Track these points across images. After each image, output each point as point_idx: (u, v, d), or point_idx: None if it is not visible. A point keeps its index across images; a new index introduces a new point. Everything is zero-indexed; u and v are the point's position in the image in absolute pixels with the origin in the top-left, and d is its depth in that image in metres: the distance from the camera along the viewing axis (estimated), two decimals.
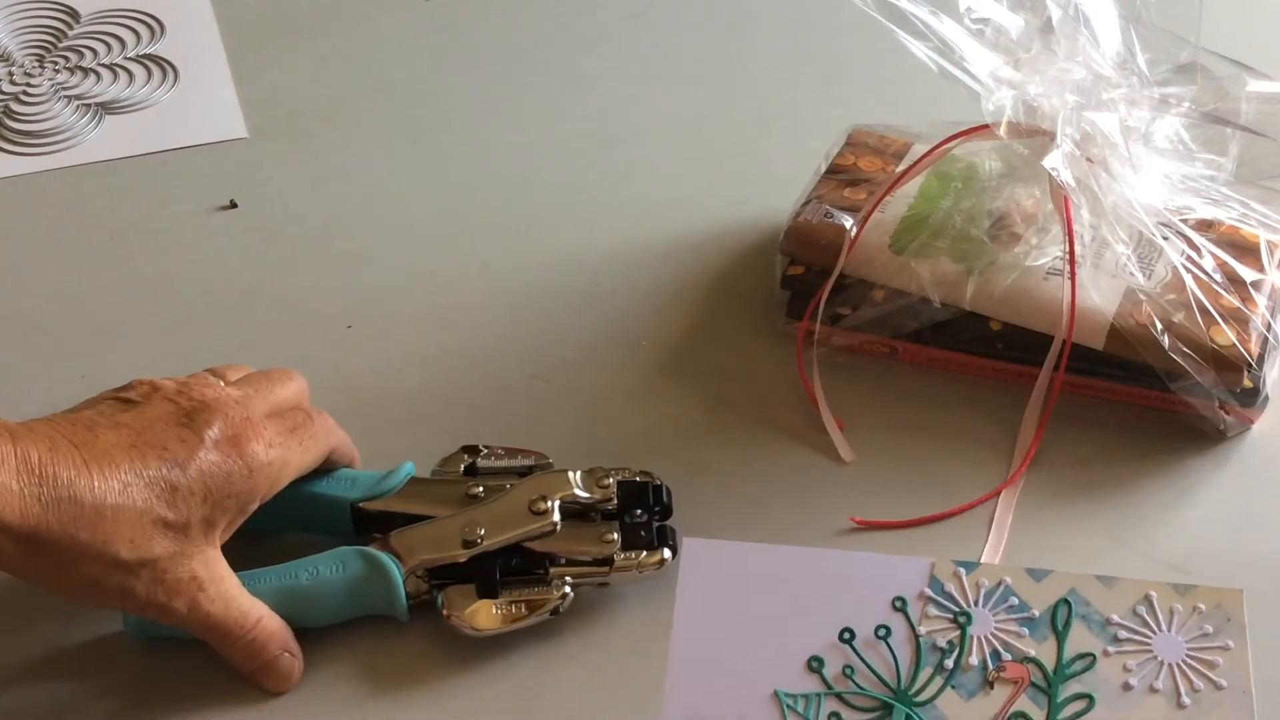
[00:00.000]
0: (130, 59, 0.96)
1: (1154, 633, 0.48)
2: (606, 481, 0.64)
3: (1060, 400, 0.69)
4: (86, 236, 0.83)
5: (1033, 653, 0.48)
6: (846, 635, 0.48)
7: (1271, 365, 0.69)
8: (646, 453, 0.70)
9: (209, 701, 0.61)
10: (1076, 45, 0.69)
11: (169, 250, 0.82)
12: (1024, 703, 0.47)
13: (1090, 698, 0.47)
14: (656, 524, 0.64)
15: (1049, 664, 0.48)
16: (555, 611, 0.61)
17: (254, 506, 0.60)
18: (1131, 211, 0.68)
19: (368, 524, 0.64)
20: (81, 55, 0.96)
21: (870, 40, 0.76)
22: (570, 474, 0.64)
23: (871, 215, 0.73)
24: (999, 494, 0.67)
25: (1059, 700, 0.47)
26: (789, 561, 0.50)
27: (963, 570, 0.49)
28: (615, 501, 0.64)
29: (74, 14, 1.00)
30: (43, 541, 0.53)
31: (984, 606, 0.49)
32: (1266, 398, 0.69)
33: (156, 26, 0.99)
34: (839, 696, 0.48)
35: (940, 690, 0.48)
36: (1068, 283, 0.68)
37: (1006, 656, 0.48)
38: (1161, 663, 0.48)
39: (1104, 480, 0.68)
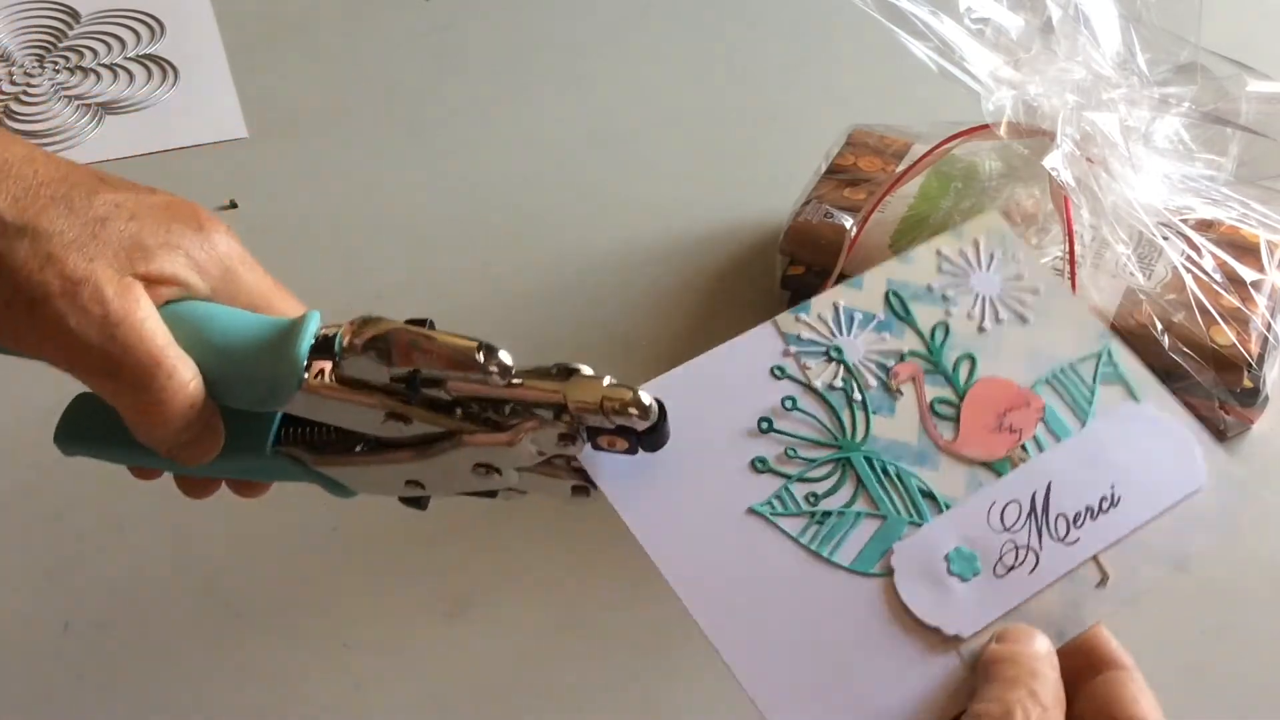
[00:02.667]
0: (130, 59, 0.96)
1: (967, 275, 0.52)
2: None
3: None
4: None
5: (904, 347, 0.51)
6: (764, 424, 0.49)
7: (1271, 365, 0.69)
8: None
9: (210, 702, 0.61)
10: (1076, 45, 0.69)
11: None
12: (930, 390, 0.50)
13: (971, 356, 0.50)
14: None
15: (922, 348, 0.51)
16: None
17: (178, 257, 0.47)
18: (1131, 211, 0.68)
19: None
20: (81, 55, 0.96)
21: (870, 40, 0.76)
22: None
23: (871, 215, 0.73)
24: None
25: (951, 372, 0.50)
26: (668, 390, 0.49)
27: (802, 313, 0.51)
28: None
29: (74, 14, 1.00)
30: None
31: (842, 334, 0.51)
32: (1266, 398, 0.69)
33: (156, 26, 0.99)
34: (800, 478, 0.48)
35: (868, 422, 0.49)
36: (1068, 283, 0.68)
37: (889, 362, 0.50)
38: (986, 296, 0.51)
39: None
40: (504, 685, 0.61)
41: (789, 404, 0.50)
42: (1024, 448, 0.49)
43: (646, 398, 0.46)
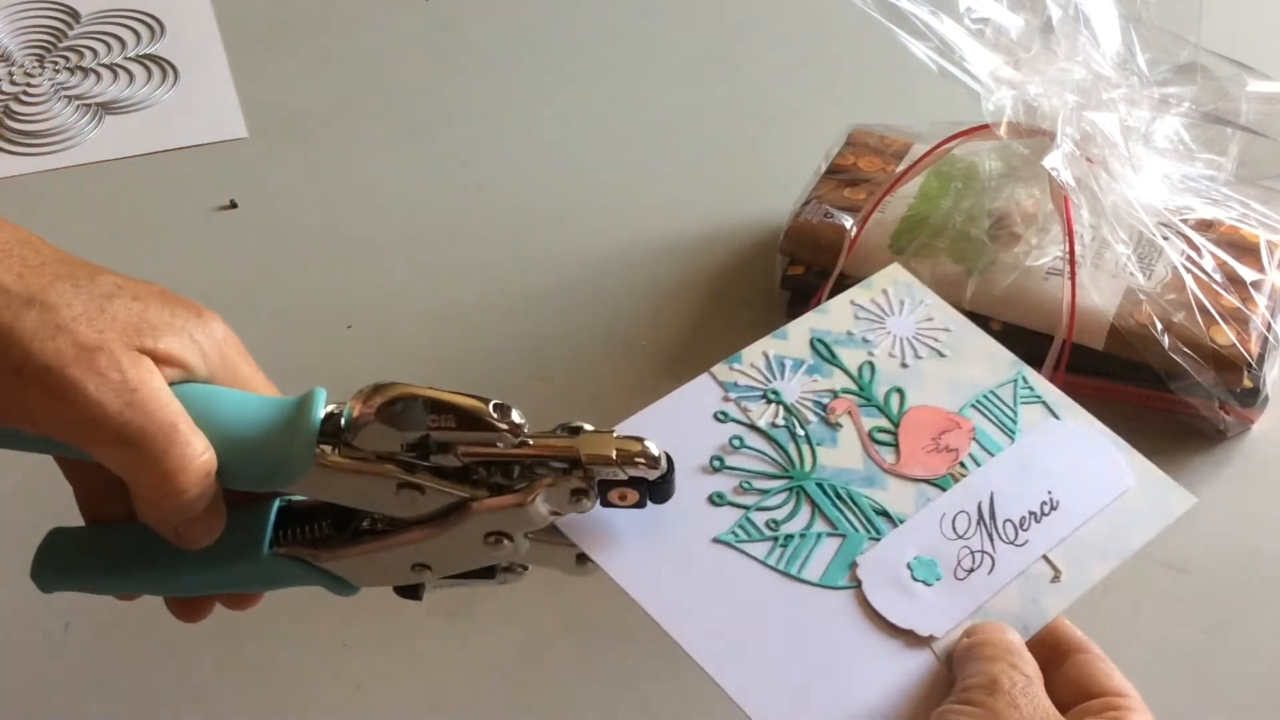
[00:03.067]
0: (130, 59, 0.96)
1: (882, 320, 0.56)
2: None
3: None
4: (86, 236, 0.83)
5: (837, 385, 0.54)
6: (716, 463, 0.52)
7: (1271, 365, 0.69)
8: None
9: (211, 702, 0.61)
10: (1076, 45, 0.69)
11: (169, 250, 0.82)
12: (867, 421, 0.53)
13: (899, 389, 0.54)
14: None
15: (853, 385, 0.54)
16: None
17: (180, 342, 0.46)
18: (1131, 211, 0.68)
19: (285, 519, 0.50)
20: (81, 55, 0.96)
21: (870, 40, 0.76)
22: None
23: (871, 215, 0.73)
24: None
25: (882, 404, 0.53)
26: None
27: (734, 364, 0.55)
28: None
29: (74, 14, 1.00)
30: None
31: (778, 378, 0.54)
32: (1266, 398, 0.69)
33: (156, 26, 0.99)
34: (759, 507, 0.51)
35: (814, 454, 0.52)
36: (1068, 283, 0.68)
37: (826, 399, 0.54)
38: (902, 337, 0.55)
39: None
40: (504, 685, 0.61)
41: (736, 443, 0.52)
42: (962, 465, 0.52)
43: (654, 448, 0.47)
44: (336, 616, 0.64)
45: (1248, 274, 0.69)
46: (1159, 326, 0.67)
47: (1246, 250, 0.70)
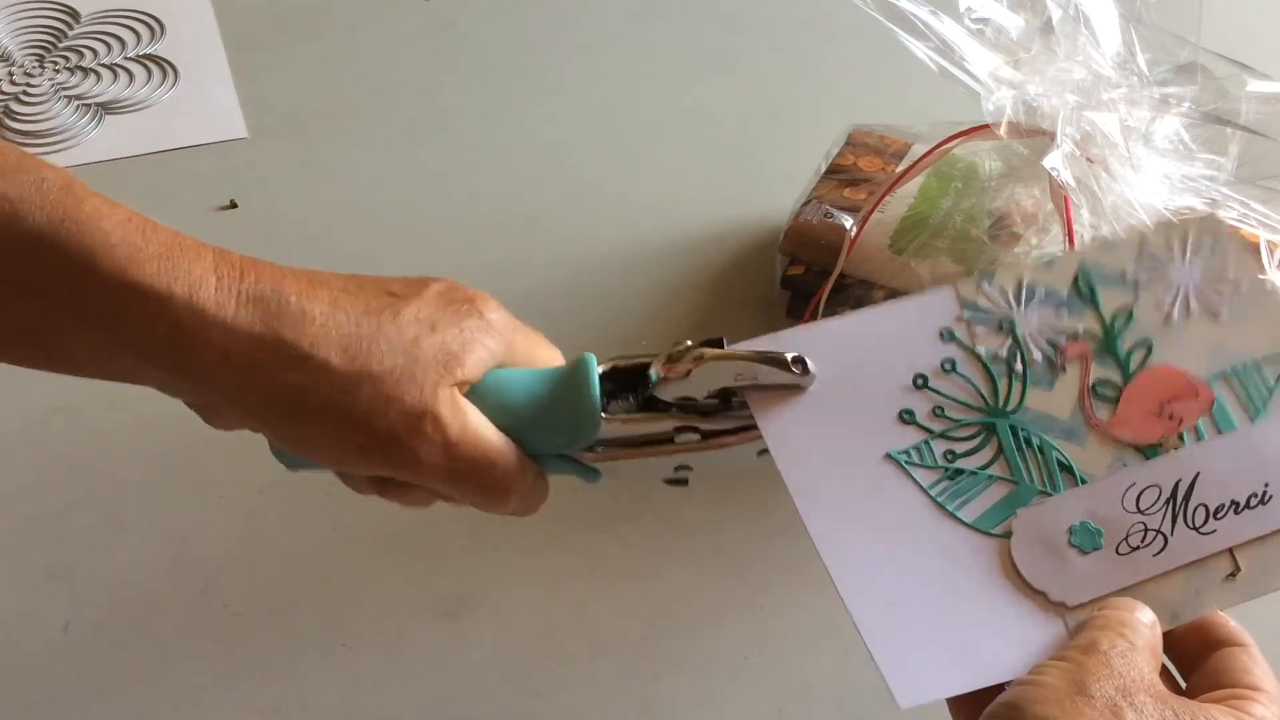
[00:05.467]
0: (130, 59, 0.96)
1: (1166, 266, 0.52)
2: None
3: None
4: None
5: (1080, 328, 0.51)
6: (920, 380, 0.50)
7: None
8: None
9: (210, 702, 0.61)
10: (1076, 45, 0.69)
11: None
12: (1096, 371, 0.50)
13: (1148, 344, 0.51)
14: None
15: (1098, 329, 0.51)
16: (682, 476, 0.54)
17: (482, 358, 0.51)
18: (1131, 211, 0.68)
19: None
20: (81, 55, 0.96)
21: (870, 40, 0.76)
22: None
23: (871, 215, 0.73)
24: None
25: (1124, 356, 0.51)
26: (831, 339, 0.51)
27: (984, 282, 0.52)
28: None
29: (74, 14, 1.00)
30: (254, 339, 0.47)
31: (1019, 306, 0.51)
32: None
33: (156, 26, 0.99)
34: (943, 435, 0.50)
35: (1023, 394, 0.50)
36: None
37: (1061, 340, 0.51)
38: (1182, 287, 0.52)
39: None
40: (504, 685, 0.61)
41: (948, 365, 0.51)
42: (1180, 436, 0.49)
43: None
44: (336, 616, 0.64)
45: None
46: None
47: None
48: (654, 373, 0.52)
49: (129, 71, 0.95)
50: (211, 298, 0.47)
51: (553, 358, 0.54)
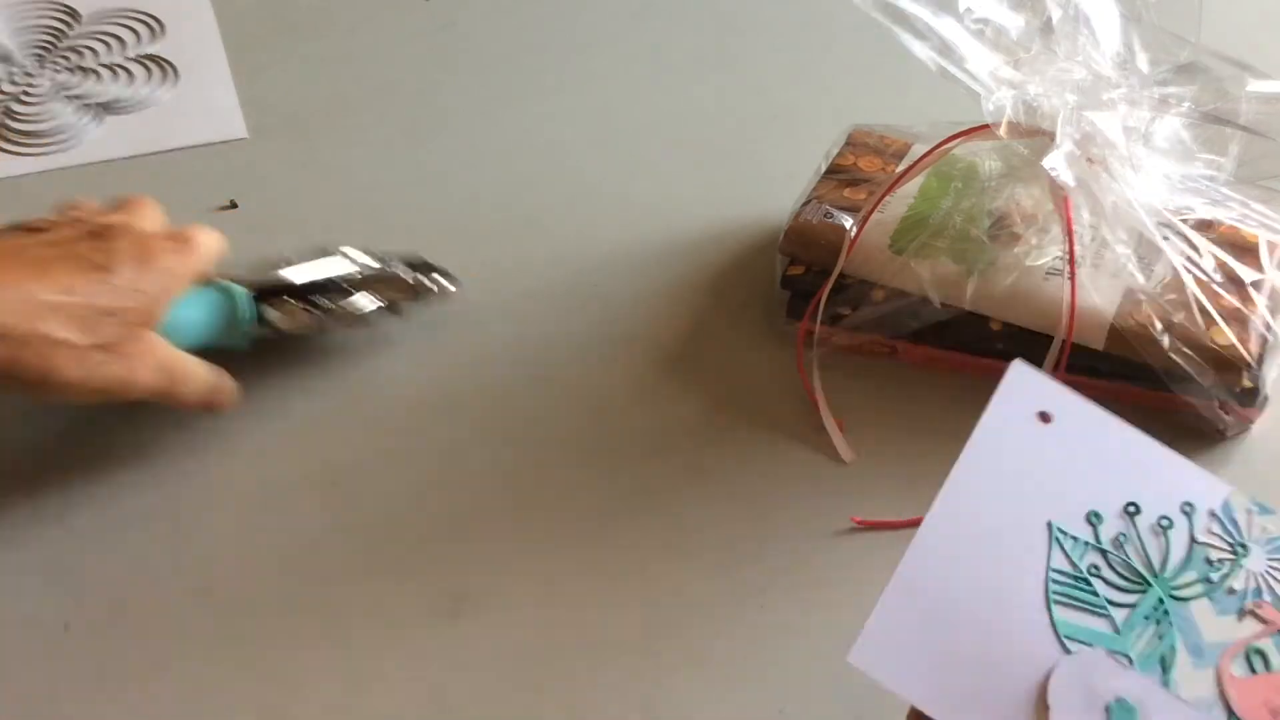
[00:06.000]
0: (130, 59, 0.96)
1: None
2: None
3: None
4: None
5: None
6: (1132, 509, 0.50)
7: (1271, 365, 0.69)
8: (646, 452, 0.70)
9: (210, 702, 0.61)
10: (1076, 45, 0.69)
11: None
12: (1267, 643, 0.49)
13: None
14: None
15: None
16: (365, 322, 0.74)
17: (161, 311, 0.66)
18: (1131, 211, 0.68)
19: None
20: (82, 55, 0.96)
21: (870, 40, 0.76)
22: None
23: (871, 215, 0.73)
24: None
25: None
26: (1105, 424, 0.52)
27: (1255, 509, 0.51)
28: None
29: (74, 14, 1.00)
30: None
31: (1262, 547, 0.51)
32: (1266, 398, 0.69)
33: (156, 26, 0.99)
34: (1105, 554, 0.50)
35: (1198, 595, 0.49)
36: (1068, 283, 0.68)
37: (1267, 598, 0.49)
38: None
39: None
40: (504, 685, 0.61)
41: (1165, 523, 0.51)
42: None
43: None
44: (336, 616, 0.64)
45: (1248, 274, 0.69)
46: (1159, 326, 0.67)
47: (1246, 250, 0.70)
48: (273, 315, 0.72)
49: (129, 71, 0.95)
50: None
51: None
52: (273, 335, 0.72)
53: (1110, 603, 0.49)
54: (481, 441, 0.71)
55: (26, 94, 0.93)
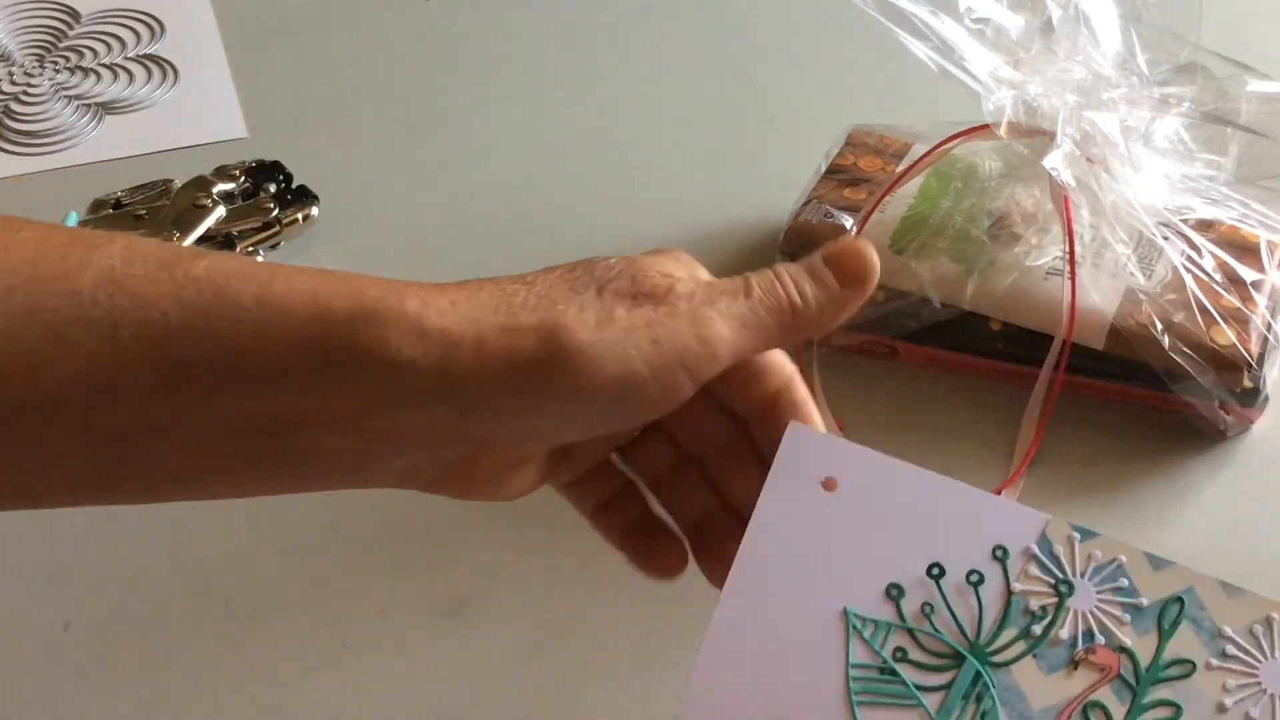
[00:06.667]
0: (130, 59, 0.96)
1: (1265, 658, 0.45)
2: (234, 172, 0.82)
3: (1060, 400, 0.69)
4: None
5: (1129, 643, 0.45)
6: (935, 571, 0.45)
7: (1271, 365, 0.69)
8: None
9: (210, 702, 0.61)
10: (1076, 45, 0.69)
11: None
12: (1105, 693, 0.44)
13: (1178, 707, 0.44)
14: (294, 188, 0.82)
15: (1144, 660, 0.45)
16: None
17: None
18: (1131, 211, 0.68)
19: None
20: (81, 55, 0.96)
21: (870, 40, 0.76)
22: (205, 175, 0.81)
23: (871, 215, 0.73)
24: (999, 494, 0.67)
25: (1143, 701, 0.44)
26: (896, 477, 0.47)
27: (1077, 536, 0.46)
28: (248, 182, 0.82)
29: (74, 14, 1.00)
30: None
31: (1090, 580, 0.45)
32: (1266, 398, 0.69)
33: (156, 26, 0.99)
34: (911, 633, 0.45)
35: (1020, 655, 0.45)
36: (1068, 283, 0.68)
37: (1100, 640, 0.45)
38: (1266, 692, 0.44)
39: (1104, 480, 0.68)
40: (504, 685, 0.61)
41: (974, 578, 0.45)
42: None
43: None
44: (336, 616, 0.64)
45: (1248, 274, 0.69)
46: (1159, 326, 0.67)
47: (1246, 250, 0.70)
48: None
49: (129, 71, 0.95)
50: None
51: None
52: None
53: (921, 688, 0.44)
54: None
55: (26, 94, 0.93)
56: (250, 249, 0.79)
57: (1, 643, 0.63)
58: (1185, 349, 0.66)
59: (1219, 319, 0.67)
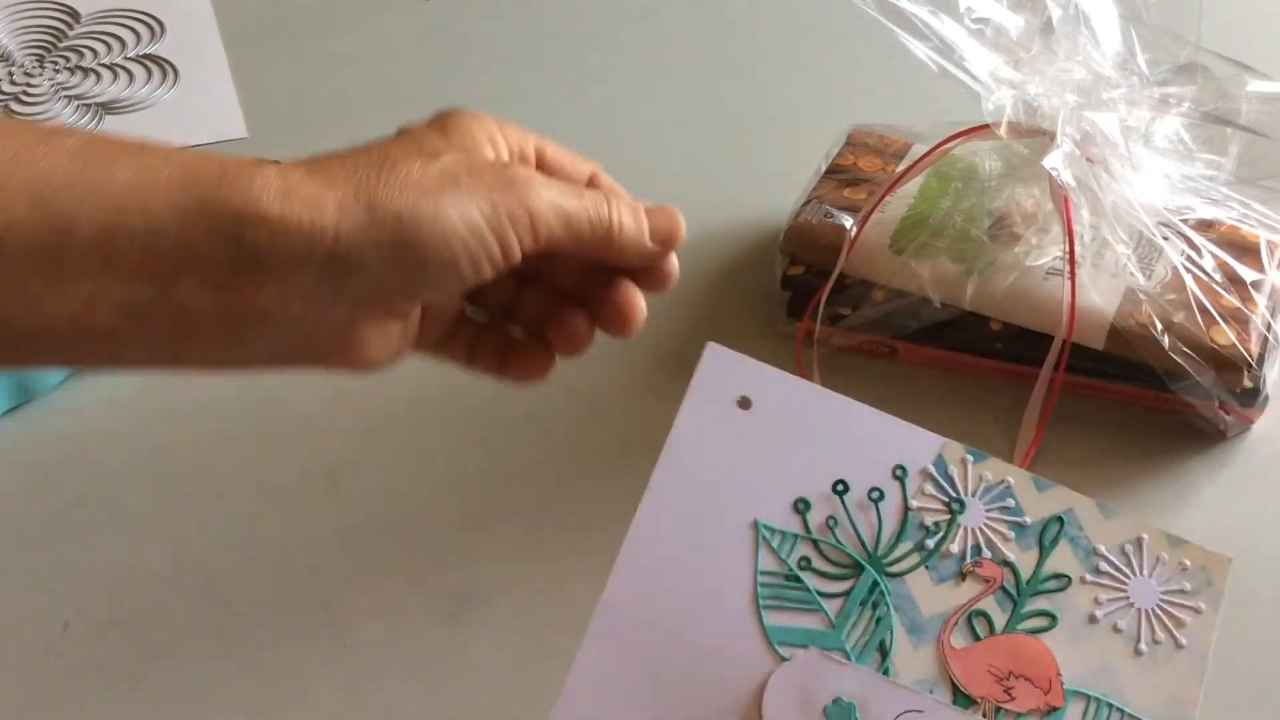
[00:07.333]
0: (130, 59, 0.96)
1: (1133, 575, 0.49)
2: None
3: (1060, 400, 0.69)
4: None
5: (1013, 558, 0.48)
6: (840, 487, 0.49)
7: (1271, 365, 0.69)
8: (647, 453, 0.70)
9: (210, 702, 0.61)
10: (1077, 45, 0.69)
11: None
12: (989, 603, 0.48)
13: (1053, 617, 0.48)
14: None
15: (1025, 573, 0.48)
16: None
17: None
18: (1131, 211, 0.68)
19: None
20: (81, 55, 0.96)
21: (870, 40, 0.76)
22: None
23: (871, 215, 0.73)
24: None
25: (1023, 611, 0.48)
26: (806, 399, 0.50)
27: (970, 459, 0.49)
28: None
29: (74, 14, 1.00)
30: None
31: (979, 499, 0.49)
32: (1266, 398, 0.69)
33: (156, 26, 0.99)
34: (815, 543, 0.48)
35: (914, 567, 0.48)
36: (1068, 283, 0.68)
37: (986, 555, 0.49)
38: (1132, 605, 0.48)
39: (1104, 480, 0.68)
40: (504, 685, 0.61)
41: (875, 495, 0.49)
42: (998, 711, 0.47)
43: None
44: (336, 616, 0.64)
45: (1248, 274, 0.69)
46: (1159, 326, 0.67)
47: (1246, 250, 0.70)
48: None
49: (129, 71, 0.95)
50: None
51: None
52: None
53: (822, 594, 0.48)
54: (482, 442, 0.71)
55: (26, 94, 0.93)
56: None
57: (1, 643, 0.63)
58: (1185, 349, 0.67)
59: (1219, 319, 0.67)
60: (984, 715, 0.47)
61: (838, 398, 0.50)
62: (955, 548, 0.49)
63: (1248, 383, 0.67)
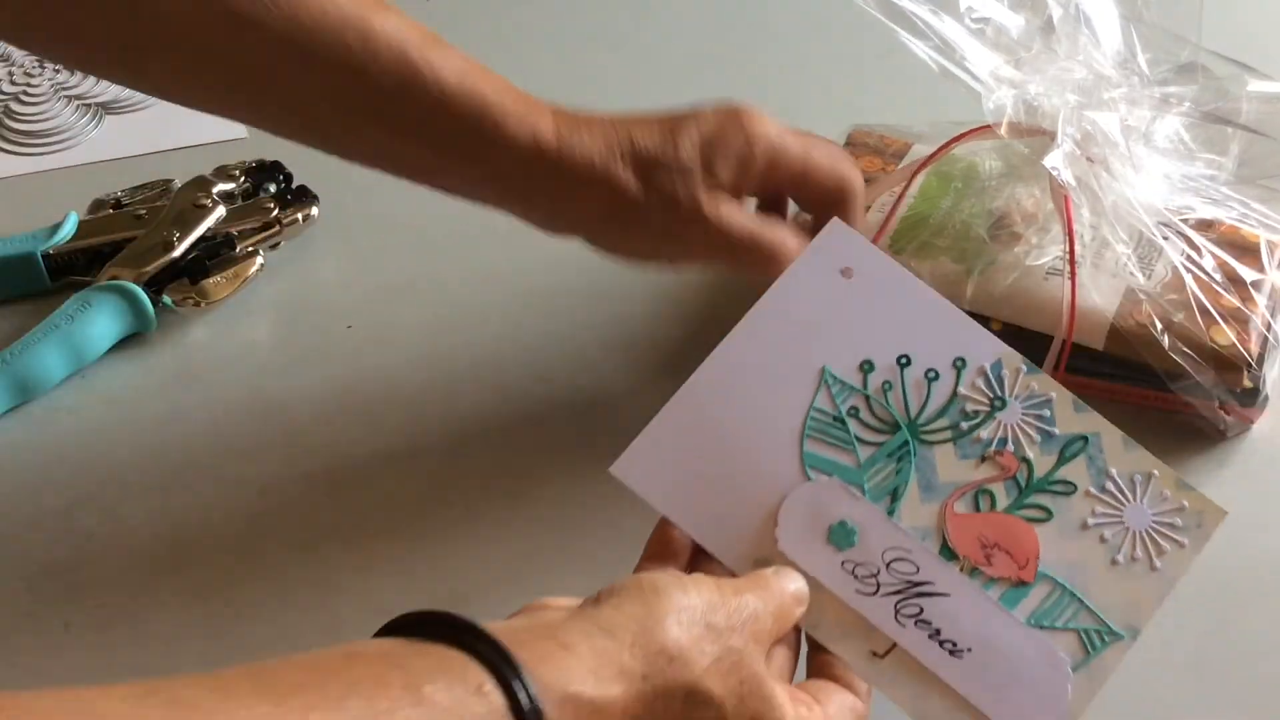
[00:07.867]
0: None
1: (1132, 501, 0.54)
2: (234, 172, 0.82)
3: None
4: None
5: (1032, 457, 0.54)
6: (904, 360, 0.55)
7: (1271, 365, 0.69)
8: None
9: None
10: (1077, 44, 0.69)
11: None
12: (998, 486, 0.54)
13: (1049, 512, 0.54)
14: (294, 188, 0.82)
15: (1038, 472, 0.54)
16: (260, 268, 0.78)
17: None
18: (1131, 211, 0.68)
19: (59, 271, 0.78)
20: None
21: (870, 40, 0.76)
22: (205, 175, 0.81)
23: (871, 214, 0.73)
24: None
25: (1025, 501, 0.54)
26: (901, 284, 0.57)
27: (1024, 369, 0.55)
28: (248, 182, 0.82)
29: None
30: None
31: (1020, 402, 0.55)
32: (1266, 398, 0.69)
33: None
34: (867, 398, 0.55)
35: (944, 440, 0.55)
36: (1068, 282, 0.68)
37: (1010, 449, 0.54)
38: (1123, 524, 0.54)
39: None
40: None
41: (931, 375, 0.55)
42: (974, 570, 0.53)
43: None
44: (336, 616, 0.64)
45: (1248, 274, 0.69)
46: (1159, 326, 0.67)
47: (1246, 250, 0.70)
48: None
49: None
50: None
51: None
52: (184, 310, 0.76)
53: (859, 440, 0.55)
54: (481, 442, 0.71)
55: (26, 94, 0.93)
56: (250, 249, 0.79)
57: (1, 643, 0.63)
58: (1185, 349, 0.66)
59: (1219, 319, 0.67)
60: (961, 569, 0.53)
61: (930, 291, 0.56)
62: (985, 434, 0.55)
63: (1248, 383, 0.67)
